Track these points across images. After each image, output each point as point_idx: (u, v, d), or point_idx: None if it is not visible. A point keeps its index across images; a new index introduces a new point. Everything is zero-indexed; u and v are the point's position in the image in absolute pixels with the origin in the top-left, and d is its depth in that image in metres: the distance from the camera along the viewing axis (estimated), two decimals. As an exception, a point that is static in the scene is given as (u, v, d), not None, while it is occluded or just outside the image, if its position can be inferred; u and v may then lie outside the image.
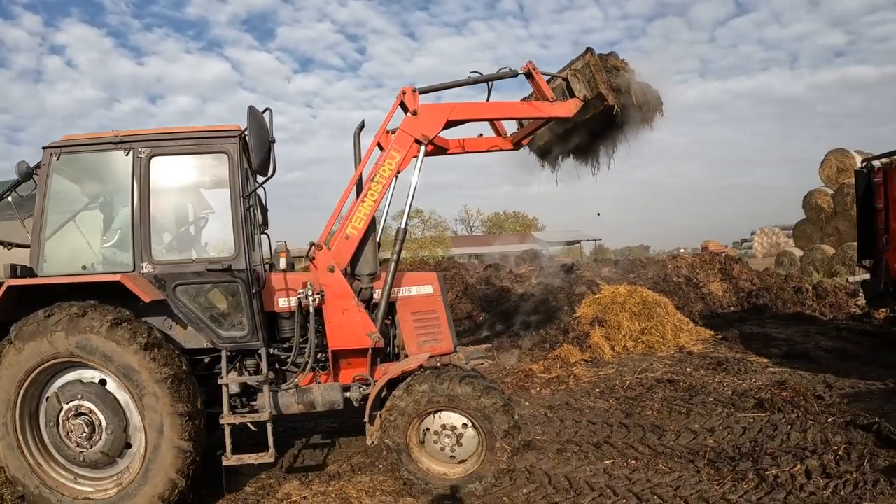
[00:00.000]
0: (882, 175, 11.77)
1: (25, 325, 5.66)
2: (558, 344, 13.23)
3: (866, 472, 5.95)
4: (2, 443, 5.72)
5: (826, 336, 13.51)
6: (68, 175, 6.60)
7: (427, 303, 7.13)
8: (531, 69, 7.37)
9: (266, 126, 5.98)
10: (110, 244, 6.61)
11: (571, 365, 11.62)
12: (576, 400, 9.49)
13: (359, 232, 6.72)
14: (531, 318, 15.88)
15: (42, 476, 5.81)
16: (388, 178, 6.79)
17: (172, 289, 6.16)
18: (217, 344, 6.26)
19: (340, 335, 6.57)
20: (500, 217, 76.74)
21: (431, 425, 6.24)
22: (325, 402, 6.52)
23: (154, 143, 6.27)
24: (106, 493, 5.85)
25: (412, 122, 6.95)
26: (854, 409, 7.89)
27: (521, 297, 17.96)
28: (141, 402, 5.66)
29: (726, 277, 20.11)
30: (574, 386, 10.49)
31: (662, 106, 7.78)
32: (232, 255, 6.23)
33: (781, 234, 41.04)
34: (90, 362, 5.74)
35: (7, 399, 5.70)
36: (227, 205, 6.32)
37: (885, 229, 11.75)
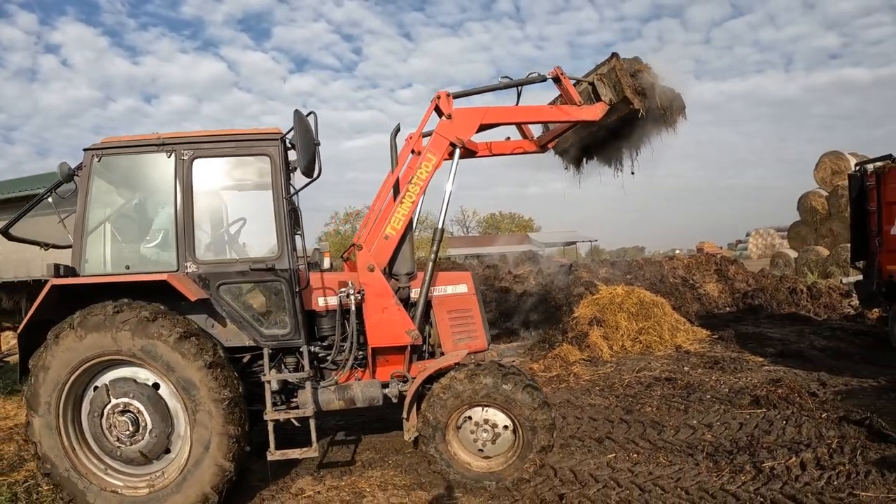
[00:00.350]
0: (875, 179, 12.12)
1: (91, 314, 5.71)
2: (557, 343, 13.43)
3: (859, 464, 6.23)
4: (41, 420, 5.79)
5: (820, 336, 13.81)
6: (109, 176, 6.67)
7: (462, 301, 7.29)
8: (559, 74, 7.53)
9: (311, 129, 6.14)
10: (153, 244, 6.68)
11: (571, 364, 11.83)
12: (576, 398, 9.71)
13: (397, 232, 6.89)
14: (531, 318, 16.13)
15: (74, 461, 5.88)
16: (426, 180, 6.96)
17: (216, 288, 6.27)
18: (259, 342, 6.36)
19: (380, 333, 6.68)
20: (497, 218, 76.97)
21: (475, 416, 6.40)
22: (365, 399, 6.64)
23: (196, 145, 6.36)
24: (136, 490, 5.95)
25: (447, 125, 7.11)
26: (847, 406, 8.16)
27: (520, 297, 18.20)
28: (194, 416, 5.75)
29: (722, 278, 20.42)
30: (574, 384, 10.70)
31: (685, 109, 7.96)
32: (275, 256, 6.33)
33: (776, 235, 41.37)
34: (149, 367, 5.83)
35: (56, 381, 5.74)
36: (267, 206, 6.44)
37: (878, 231, 12.09)
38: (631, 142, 8.32)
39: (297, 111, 6.04)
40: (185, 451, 5.90)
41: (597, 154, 8.75)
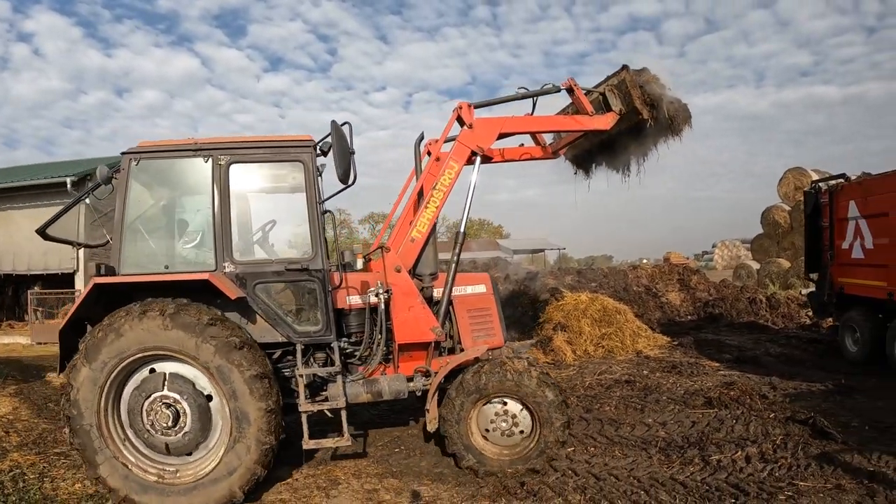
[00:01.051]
0: (828, 196, 12.81)
1: (186, 312, 5.92)
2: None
3: (800, 458, 6.71)
4: (90, 373, 5.91)
5: (776, 343, 14.39)
6: (146, 179, 6.84)
7: (481, 300, 7.65)
8: (572, 85, 7.92)
9: (346, 138, 6.41)
10: (191, 245, 6.92)
11: (535, 367, 12.16)
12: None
13: (423, 236, 7.27)
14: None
15: (101, 421, 5.99)
16: (449, 185, 7.32)
17: (252, 287, 6.51)
18: (292, 338, 6.58)
19: (407, 330, 6.96)
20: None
21: (497, 407, 6.74)
22: (392, 392, 6.91)
23: (233, 151, 6.61)
24: (144, 473, 6.06)
25: (469, 134, 7.48)
26: (794, 407, 8.64)
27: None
28: (238, 431, 5.97)
29: (684, 287, 21.01)
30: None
31: (691, 119, 8.34)
32: (309, 257, 6.60)
33: (741, 246, 42.22)
34: (205, 374, 6.04)
35: (121, 351, 5.90)
36: (300, 209, 6.70)
37: (830, 246, 12.79)
38: (638, 149, 8.71)
39: (334, 121, 6.36)
40: (206, 463, 6.10)
41: (605, 160, 9.14)
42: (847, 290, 12.45)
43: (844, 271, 12.54)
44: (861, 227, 11.85)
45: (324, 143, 6.68)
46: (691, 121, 8.33)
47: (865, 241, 11.74)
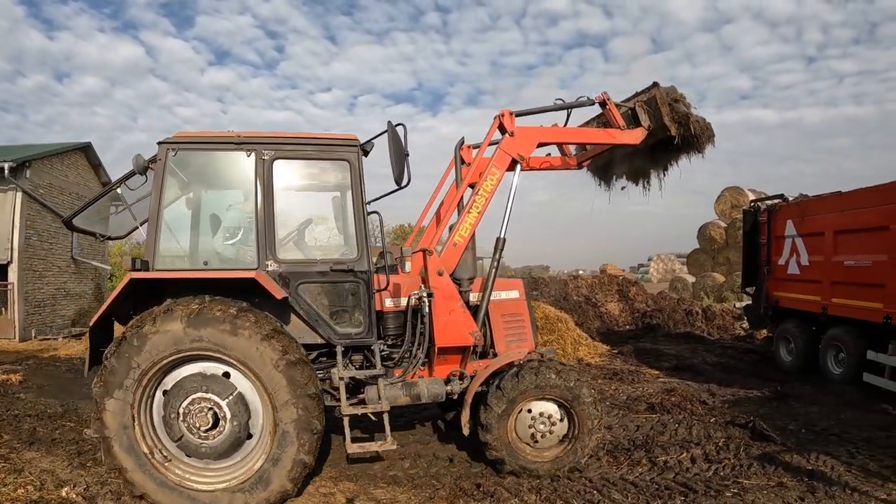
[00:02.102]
0: (766, 215, 13.41)
1: (247, 319, 5.73)
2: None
3: (742, 459, 7.05)
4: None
5: (712, 353, 14.91)
6: (183, 171, 6.62)
7: (514, 306, 7.65)
8: (606, 99, 8.07)
9: (401, 140, 6.41)
10: (231, 241, 6.81)
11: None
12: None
13: (464, 240, 7.24)
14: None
15: (134, 398, 5.73)
16: (491, 192, 7.34)
17: (296, 287, 6.35)
18: (333, 339, 6.46)
19: (447, 333, 6.90)
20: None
21: (534, 408, 6.71)
22: (430, 395, 6.86)
23: (278, 146, 6.42)
24: (157, 462, 5.83)
25: (510, 142, 7.51)
26: (734, 412, 9.05)
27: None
28: (283, 425, 5.78)
29: (623, 298, 21.50)
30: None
31: (714, 137, 8.53)
32: (355, 257, 6.49)
33: (676, 261, 43.17)
34: (245, 374, 5.84)
35: (176, 340, 5.65)
36: (344, 209, 6.68)
37: (767, 262, 13.39)
38: (659, 163, 8.93)
39: (390, 122, 6.35)
40: (251, 463, 5.91)
41: (626, 173, 9.31)
42: (782, 303, 13.04)
43: (780, 286, 13.12)
44: (797, 245, 12.42)
45: (367, 144, 6.67)
46: (714, 139, 8.54)
47: (801, 258, 12.31)
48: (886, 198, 10.01)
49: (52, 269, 21.95)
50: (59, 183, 22.11)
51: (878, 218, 10.16)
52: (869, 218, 10.42)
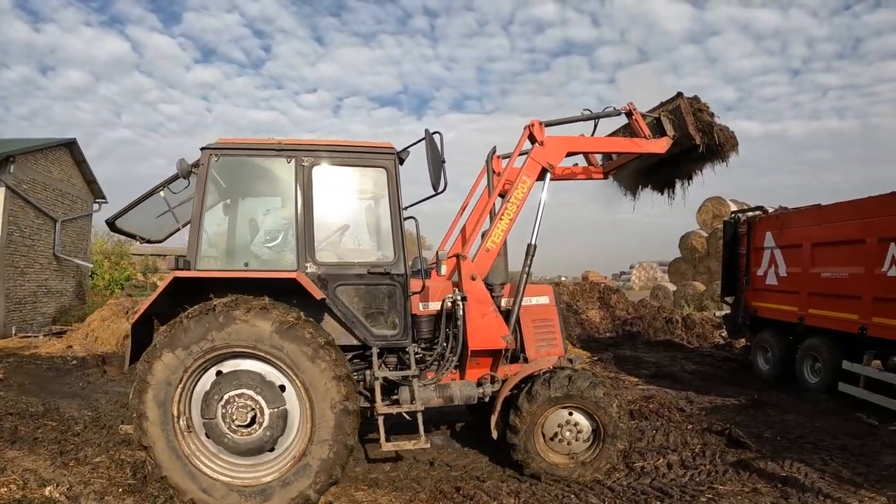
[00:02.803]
0: (746, 227, 13.63)
1: (308, 328, 5.87)
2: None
3: (718, 465, 7.20)
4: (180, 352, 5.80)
5: (691, 361, 15.08)
6: (225, 176, 6.80)
7: (544, 311, 7.77)
8: (632, 109, 8.27)
9: (438, 147, 6.54)
10: (273, 244, 6.89)
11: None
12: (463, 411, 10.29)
13: (497, 246, 7.45)
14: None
15: (181, 387, 5.86)
16: (522, 199, 7.55)
17: (333, 289, 6.46)
18: (368, 341, 6.55)
19: (479, 337, 7.06)
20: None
21: (562, 416, 6.82)
22: (463, 397, 7.05)
23: (317, 153, 6.61)
24: (191, 453, 5.91)
25: (540, 151, 7.70)
26: (710, 419, 9.19)
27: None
28: (317, 433, 5.87)
29: (604, 306, 21.67)
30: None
31: (738, 146, 8.69)
32: (392, 261, 6.61)
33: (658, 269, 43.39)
34: (287, 374, 5.93)
35: (227, 337, 5.80)
36: (381, 214, 6.80)
37: (746, 272, 13.60)
38: (683, 172, 9.07)
39: (427, 130, 6.52)
40: (280, 464, 5.98)
41: (651, 182, 9.45)
42: (760, 313, 13.24)
43: (759, 296, 13.32)
44: (776, 256, 12.65)
45: (403, 151, 6.84)
46: (738, 148, 8.69)
47: (779, 269, 12.52)
48: (863, 212, 10.23)
49: (34, 266, 21.79)
50: (42, 179, 21.94)
51: (855, 231, 10.38)
52: (846, 231, 10.63)
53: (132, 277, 41.60)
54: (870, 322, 9.92)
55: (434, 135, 6.66)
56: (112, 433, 8.47)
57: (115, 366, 14.14)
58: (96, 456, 7.46)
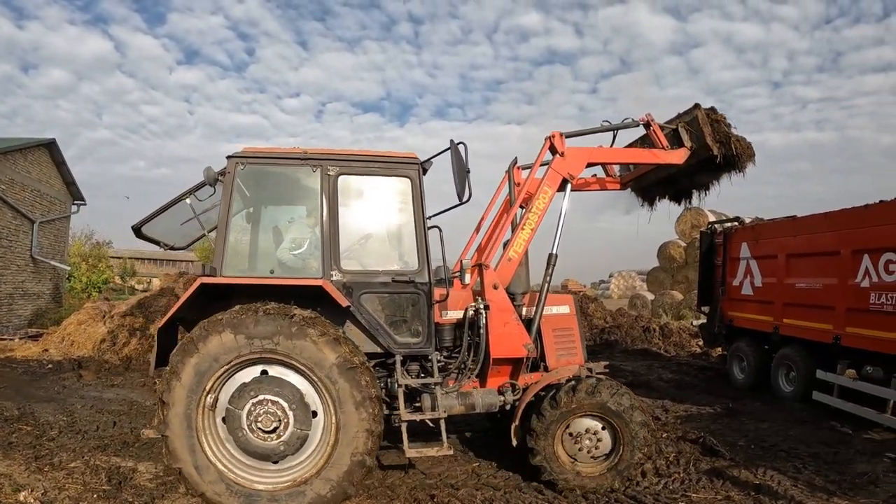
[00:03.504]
0: (723, 237, 13.77)
1: (324, 329, 5.99)
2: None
3: (692, 473, 7.27)
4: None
5: (668, 370, 15.18)
6: (250, 184, 6.83)
7: (565, 320, 7.81)
8: (650, 120, 8.35)
9: (463, 158, 6.60)
10: (298, 251, 6.96)
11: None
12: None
13: (519, 256, 7.50)
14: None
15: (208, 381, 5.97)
16: (543, 209, 7.60)
17: (358, 296, 6.53)
18: (392, 349, 6.61)
19: (501, 345, 7.10)
20: None
21: (582, 425, 6.83)
22: (485, 405, 7.09)
23: (343, 163, 6.70)
24: (212, 448, 6.02)
25: (561, 162, 7.77)
26: (685, 428, 9.27)
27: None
28: (337, 445, 6.00)
29: (582, 314, 21.68)
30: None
31: (755, 157, 8.74)
32: (416, 270, 6.67)
33: (637, 278, 43.61)
34: (313, 383, 6.05)
35: (248, 347, 5.92)
36: (405, 223, 6.84)
37: (722, 282, 13.74)
38: (700, 182, 9.14)
39: (452, 141, 6.59)
40: (298, 473, 6.09)
41: (669, 193, 9.53)
42: (736, 322, 13.36)
43: (734, 306, 13.46)
44: (751, 267, 12.78)
45: (427, 162, 6.94)
46: (755, 158, 8.74)
47: (755, 280, 12.66)
48: (837, 224, 10.39)
49: (11, 268, 21.57)
50: (21, 179, 21.72)
51: (829, 243, 10.53)
52: (821, 243, 10.79)
53: (110, 280, 41.33)
54: (843, 332, 10.07)
55: (458, 145, 6.73)
56: (87, 438, 8.43)
57: (91, 370, 14.07)
58: (71, 461, 7.38)
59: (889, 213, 9.45)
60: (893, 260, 9.26)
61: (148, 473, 7.19)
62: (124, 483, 6.78)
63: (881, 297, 9.41)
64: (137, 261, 68.81)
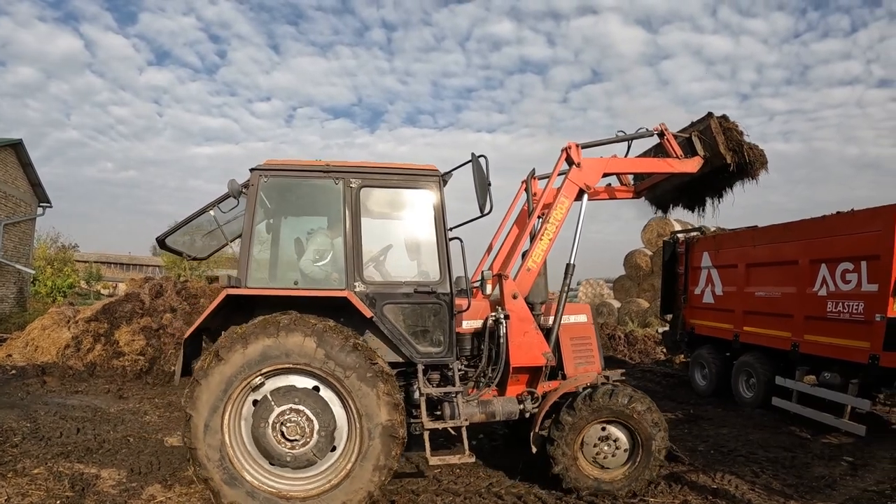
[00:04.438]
0: (685, 246, 14.00)
1: (346, 336, 6.03)
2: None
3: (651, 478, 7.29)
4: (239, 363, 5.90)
5: (632, 377, 15.21)
6: (273, 196, 6.92)
7: (582, 329, 7.87)
8: (664, 129, 8.46)
9: (484, 171, 6.66)
10: (321, 263, 7.00)
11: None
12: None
13: (537, 266, 7.59)
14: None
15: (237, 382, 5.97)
16: (561, 220, 7.75)
17: (381, 307, 6.55)
18: (414, 358, 6.62)
19: (521, 354, 7.18)
20: None
21: (600, 430, 6.89)
22: (505, 413, 7.15)
23: (365, 175, 6.74)
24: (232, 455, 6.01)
25: (578, 173, 7.88)
26: (646, 434, 9.32)
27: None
28: (362, 453, 6.01)
29: (597, 323, 21.91)
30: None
31: (767, 164, 8.86)
32: (437, 280, 6.69)
33: (605, 285, 43.78)
34: (337, 391, 6.08)
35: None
36: (426, 234, 6.86)
37: (684, 290, 13.99)
38: (714, 190, 9.23)
39: (473, 154, 6.65)
40: (323, 481, 6.10)
41: (682, 201, 9.63)
42: (698, 330, 13.62)
43: (696, 314, 13.71)
44: (712, 276, 13.03)
45: (447, 174, 6.99)
46: (767, 166, 8.87)
47: (716, 288, 12.90)
48: (796, 234, 10.63)
49: (-27, 272, 21.31)
50: (-15, 180, 21.50)
51: (788, 253, 10.77)
52: (780, 252, 11.03)
53: (75, 285, 40.79)
54: (802, 339, 10.29)
55: (479, 158, 6.78)
56: (50, 445, 8.33)
57: (55, 376, 13.92)
58: (34, 467, 7.31)
59: (846, 223, 9.71)
60: (850, 269, 9.49)
61: (111, 480, 7.15)
62: (87, 489, 6.75)
63: (838, 305, 9.65)
64: (103, 265, 68.03)
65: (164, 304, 16.60)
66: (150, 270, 62.04)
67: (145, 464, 7.82)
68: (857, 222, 9.52)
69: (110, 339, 15.46)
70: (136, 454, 8.23)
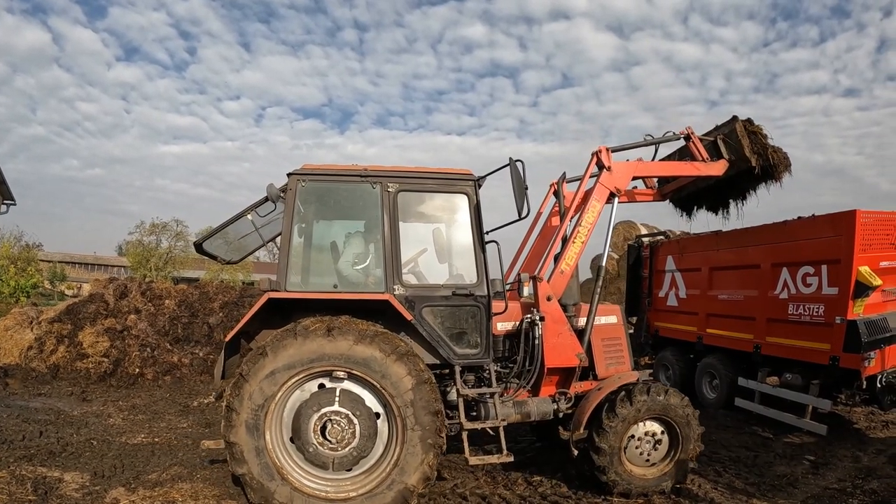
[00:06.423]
0: (649, 250, 14.16)
1: (395, 344, 6.08)
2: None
3: (612, 480, 7.38)
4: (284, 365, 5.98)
5: (597, 379, 15.39)
6: (310, 200, 6.96)
7: (613, 330, 7.91)
8: (690, 133, 8.53)
9: (521, 174, 6.67)
10: (360, 266, 7.04)
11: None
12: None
13: (571, 268, 7.66)
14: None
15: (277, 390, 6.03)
16: (592, 223, 7.86)
17: (420, 309, 6.59)
18: (451, 360, 6.66)
19: (555, 355, 7.22)
20: None
21: (640, 428, 6.98)
22: (539, 413, 7.20)
23: (402, 180, 6.78)
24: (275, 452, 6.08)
25: (608, 177, 7.99)
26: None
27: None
28: (402, 456, 6.06)
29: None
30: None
31: (791, 167, 8.91)
32: (475, 283, 6.75)
33: (571, 289, 44.16)
34: (378, 393, 6.13)
35: (344, 351, 6.00)
36: (463, 238, 6.90)
37: (649, 293, 14.09)
38: (738, 192, 9.28)
39: (511, 158, 6.65)
40: (365, 483, 6.12)
41: (706, 203, 9.67)
42: (662, 332, 13.74)
43: (660, 316, 13.83)
44: (676, 279, 13.16)
45: (482, 178, 7.07)
46: (791, 168, 8.93)
47: (679, 291, 13.03)
48: (759, 238, 10.76)
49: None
50: (-56, 181, 21.08)
51: (750, 257, 10.90)
52: (742, 256, 11.16)
53: (39, 285, 40.21)
54: (763, 341, 10.43)
55: (517, 163, 6.79)
56: (13, 448, 8.21)
57: (18, 378, 13.71)
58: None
59: (807, 228, 9.84)
60: (811, 273, 9.63)
61: (74, 483, 7.07)
62: (50, 493, 6.67)
63: (799, 307, 9.79)
64: (68, 265, 67.09)
65: (129, 305, 16.41)
66: (116, 271, 61.28)
67: (109, 467, 7.74)
68: (818, 227, 9.65)
69: (74, 340, 15.23)
70: (99, 457, 8.15)
